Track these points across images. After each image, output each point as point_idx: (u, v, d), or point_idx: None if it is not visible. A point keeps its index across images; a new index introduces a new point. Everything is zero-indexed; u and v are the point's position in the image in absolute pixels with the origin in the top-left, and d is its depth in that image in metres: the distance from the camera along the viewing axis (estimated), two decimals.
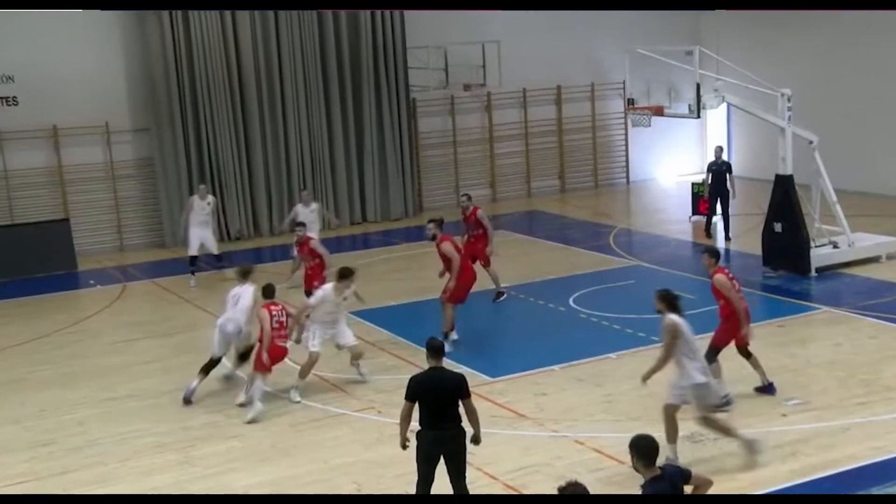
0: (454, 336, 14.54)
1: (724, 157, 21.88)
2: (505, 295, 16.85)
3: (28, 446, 11.97)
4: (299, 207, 19.33)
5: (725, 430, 10.51)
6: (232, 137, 23.53)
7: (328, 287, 13.25)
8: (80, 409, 13.13)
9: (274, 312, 12.71)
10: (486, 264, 16.64)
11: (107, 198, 23.07)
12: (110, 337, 16.55)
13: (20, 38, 21.78)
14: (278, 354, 12.72)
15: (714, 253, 12.51)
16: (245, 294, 13.19)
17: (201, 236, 19.19)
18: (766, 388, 12.36)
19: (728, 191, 21.22)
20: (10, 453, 11.81)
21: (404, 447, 9.16)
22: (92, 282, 20.40)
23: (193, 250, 19.19)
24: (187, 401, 13.01)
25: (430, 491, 9.11)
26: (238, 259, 21.20)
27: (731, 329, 12.15)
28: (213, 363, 13.26)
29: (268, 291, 12.97)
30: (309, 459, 11.15)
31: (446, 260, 14.65)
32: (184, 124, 23.09)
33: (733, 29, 27.26)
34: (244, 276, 13.49)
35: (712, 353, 12.00)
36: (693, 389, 10.31)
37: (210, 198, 19.47)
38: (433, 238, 14.64)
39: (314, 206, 19.58)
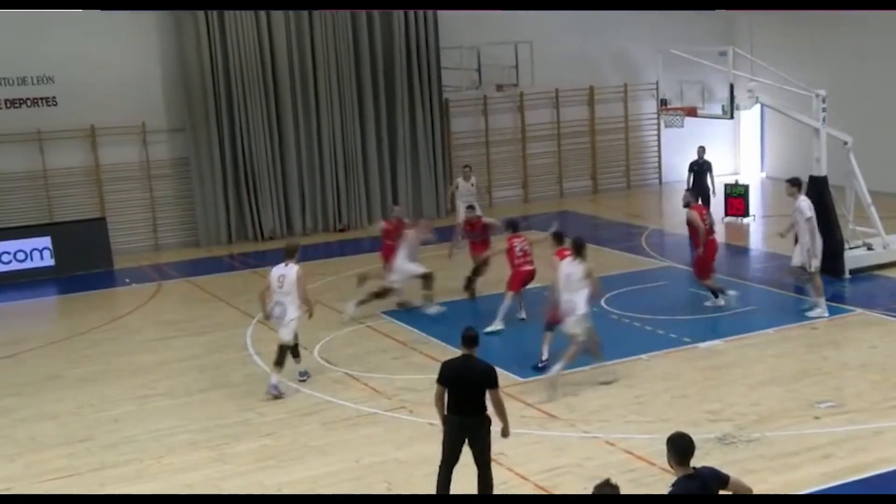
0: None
1: (707, 157, 22.29)
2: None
3: (65, 442, 12.14)
4: (460, 181, 21.68)
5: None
6: (266, 137, 23.70)
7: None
8: (117, 406, 13.29)
9: (516, 243, 15.27)
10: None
11: (143, 197, 23.31)
12: (146, 335, 16.74)
13: (59, 39, 22.07)
14: (526, 277, 15.45)
15: (556, 236, 14.26)
16: (290, 273, 13.37)
17: None
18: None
19: (709, 188, 21.82)
20: (47, 449, 11.98)
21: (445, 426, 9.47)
22: (127, 280, 20.62)
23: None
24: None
25: (450, 474, 9.36)
26: (272, 259, 21.37)
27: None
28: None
29: (513, 225, 15.71)
30: (341, 458, 11.22)
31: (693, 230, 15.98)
32: (219, 124, 23.29)
33: (767, 29, 27.08)
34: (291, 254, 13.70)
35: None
36: None
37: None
38: (687, 205, 16.29)
39: (473, 179, 21.83)
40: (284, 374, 13.52)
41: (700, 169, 21.91)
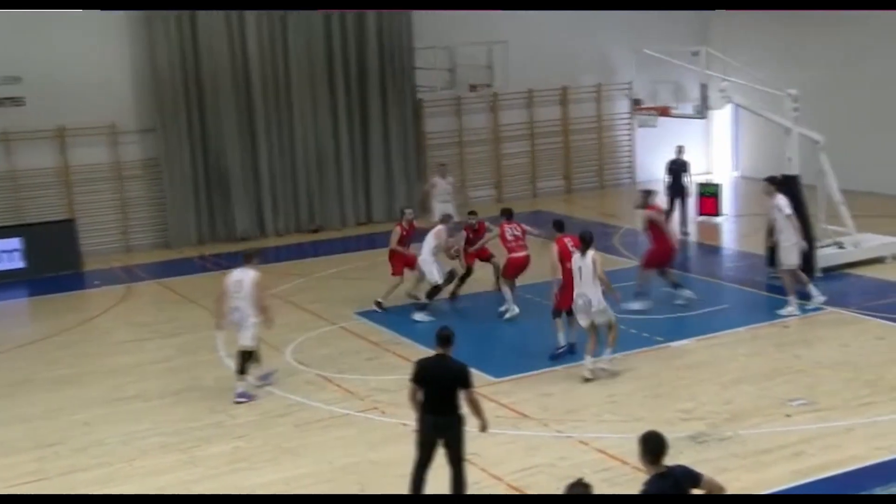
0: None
1: (685, 156, 22.13)
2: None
3: (35, 446, 11.99)
4: (438, 179, 21.38)
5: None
6: (238, 138, 23.54)
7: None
8: (87, 410, 13.16)
9: (507, 228, 15.78)
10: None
11: (113, 198, 23.09)
12: (116, 337, 16.60)
13: (28, 38, 21.81)
14: (518, 264, 15.75)
15: (557, 224, 14.35)
16: (247, 279, 13.03)
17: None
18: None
19: (685, 187, 21.80)
20: (18, 453, 11.84)
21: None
22: (97, 282, 20.43)
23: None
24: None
25: (424, 474, 9.38)
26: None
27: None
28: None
29: (506, 212, 16.33)
30: (314, 460, 11.17)
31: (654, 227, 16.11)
32: (190, 125, 23.13)
33: (741, 29, 27.20)
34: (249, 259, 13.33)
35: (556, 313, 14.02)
36: None
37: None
38: (642, 206, 16.33)
39: (450, 178, 21.68)
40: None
41: (678, 168, 21.93)
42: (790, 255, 15.64)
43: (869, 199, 22.33)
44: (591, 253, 13.18)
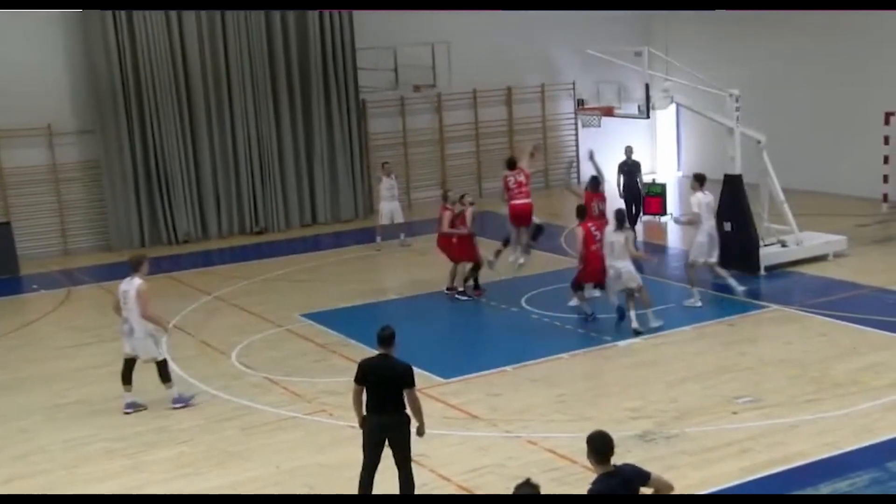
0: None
1: (635, 157, 22.14)
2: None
3: None
4: (385, 179, 21.64)
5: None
6: (179, 139, 23.24)
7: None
8: (27, 416, 12.87)
9: (509, 177, 17.17)
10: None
11: (50, 200, 22.64)
12: (57, 342, 16.26)
13: None
14: (517, 211, 17.47)
15: (579, 210, 15.62)
16: (131, 289, 12.58)
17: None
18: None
19: (639, 189, 21.92)
20: None
21: (362, 427, 9.39)
22: (35, 286, 20.03)
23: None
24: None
25: (372, 477, 9.31)
26: (186, 263, 20.93)
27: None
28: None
29: (509, 162, 17.48)
30: (261, 463, 11.03)
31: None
32: (129, 126, 22.75)
33: (683, 29, 27.42)
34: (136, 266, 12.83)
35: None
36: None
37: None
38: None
39: (394, 175, 22.08)
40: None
41: (630, 169, 21.93)
42: (697, 250, 16.33)
43: (810, 198, 22.63)
44: (622, 231, 14.78)
